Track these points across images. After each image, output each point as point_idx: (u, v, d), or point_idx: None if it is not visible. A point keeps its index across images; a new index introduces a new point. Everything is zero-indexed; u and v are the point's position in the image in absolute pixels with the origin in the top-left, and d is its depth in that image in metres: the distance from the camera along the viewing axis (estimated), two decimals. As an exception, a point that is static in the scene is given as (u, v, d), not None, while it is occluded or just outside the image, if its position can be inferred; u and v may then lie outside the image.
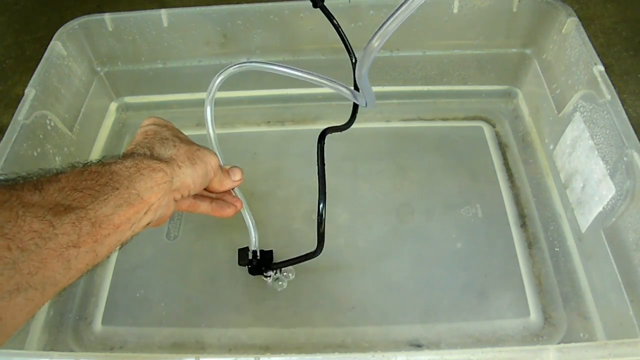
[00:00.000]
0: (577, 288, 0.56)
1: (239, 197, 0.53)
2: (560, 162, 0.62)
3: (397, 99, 0.76)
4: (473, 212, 0.63)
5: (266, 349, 0.54)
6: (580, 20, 0.61)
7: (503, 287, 0.56)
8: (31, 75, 0.61)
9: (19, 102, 0.58)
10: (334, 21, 0.53)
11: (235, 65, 0.48)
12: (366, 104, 0.47)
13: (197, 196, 0.49)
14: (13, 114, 0.57)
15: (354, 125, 0.54)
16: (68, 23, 0.68)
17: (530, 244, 0.60)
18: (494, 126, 0.73)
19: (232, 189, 0.52)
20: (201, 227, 0.64)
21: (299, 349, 0.54)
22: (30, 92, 0.59)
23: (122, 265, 0.61)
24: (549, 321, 0.54)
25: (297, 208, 0.65)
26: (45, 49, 0.64)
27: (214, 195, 0.51)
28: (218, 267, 0.60)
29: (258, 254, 0.57)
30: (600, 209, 0.52)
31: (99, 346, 0.55)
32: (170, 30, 0.69)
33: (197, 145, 0.45)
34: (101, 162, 0.37)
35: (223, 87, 0.49)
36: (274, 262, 0.58)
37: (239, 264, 0.57)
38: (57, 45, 0.65)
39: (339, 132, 0.52)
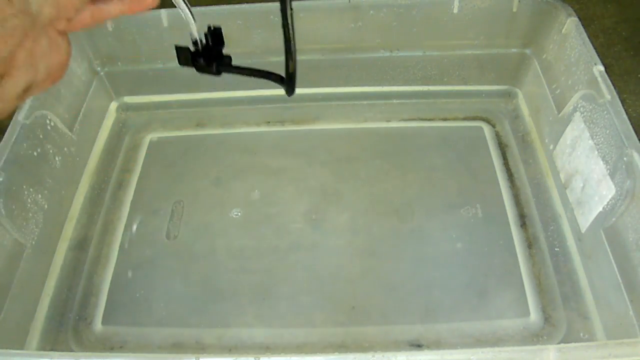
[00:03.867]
0: (577, 288, 0.56)
1: None
2: (560, 162, 0.62)
3: (397, 99, 0.76)
4: (473, 212, 0.63)
5: (266, 349, 0.54)
6: (580, 20, 0.61)
7: (503, 287, 0.56)
8: (31, 75, 0.61)
9: (19, 102, 0.58)
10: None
11: None
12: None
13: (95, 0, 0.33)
14: (13, 114, 0.57)
15: (354, 125, 0.54)
16: (68, 23, 0.68)
17: (530, 244, 0.60)
18: (494, 126, 0.73)
19: None
20: (201, 227, 0.64)
21: (299, 349, 0.54)
22: (30, 92, 0.59)
23: (122, 265, 0.61)
24: (549, 321, 0.54)
25: (297, 208, 0.65)
26: (45, 49, 0.64)
27: None
28: (218, 267, 0.60)
29: (204, 40, 0.42)
30: (600, 209, 0.52)
31: (99, 346, 0.55)
32: (170, 30, 0.69)
33: None
34: None
35: (223, 87, 0.49)
36: (232, 64, 0.46)
37: (180, 64, 0.43)
38: (57, 45, 0.65)
39: (339, 132, 0.51)
